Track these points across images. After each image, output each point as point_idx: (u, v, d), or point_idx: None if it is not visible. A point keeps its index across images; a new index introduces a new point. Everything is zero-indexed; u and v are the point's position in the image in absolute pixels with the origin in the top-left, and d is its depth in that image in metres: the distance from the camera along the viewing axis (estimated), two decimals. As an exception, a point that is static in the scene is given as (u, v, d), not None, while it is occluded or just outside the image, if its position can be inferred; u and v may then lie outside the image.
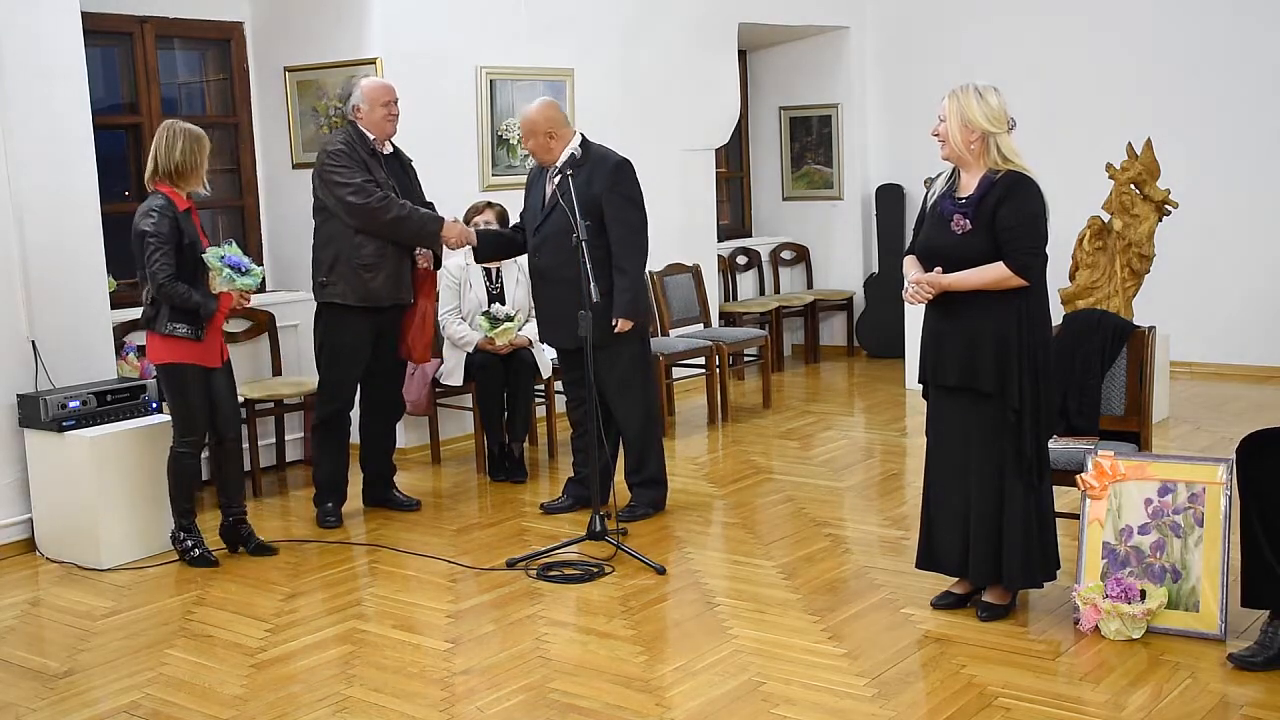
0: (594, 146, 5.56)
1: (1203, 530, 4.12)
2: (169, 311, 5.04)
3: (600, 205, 5.42)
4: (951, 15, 9.55)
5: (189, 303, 5.02)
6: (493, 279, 6.63)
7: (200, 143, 5.12)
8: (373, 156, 5.60)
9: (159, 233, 4.96)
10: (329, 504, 5.81)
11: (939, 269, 4.17)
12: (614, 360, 5.52)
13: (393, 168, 5.71)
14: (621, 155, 5.57)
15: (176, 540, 5.30)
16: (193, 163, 5.08)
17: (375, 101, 5.58)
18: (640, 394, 5.62)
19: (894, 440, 7.21)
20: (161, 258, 4.96)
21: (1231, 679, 3.77)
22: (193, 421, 5.19)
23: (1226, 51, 8.45)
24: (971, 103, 4.11)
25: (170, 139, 5.08)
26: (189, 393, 5.15)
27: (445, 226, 5.60)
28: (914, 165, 9.39)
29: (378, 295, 5.59)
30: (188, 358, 5.11)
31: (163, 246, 4.97)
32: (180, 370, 5.12)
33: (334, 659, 4.22)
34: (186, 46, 7.06)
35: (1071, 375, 4.86)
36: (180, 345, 5.08)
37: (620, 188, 5.48)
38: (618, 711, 3.72)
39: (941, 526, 4.35)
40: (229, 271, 5.07)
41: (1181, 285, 8.44)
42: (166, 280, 4.97)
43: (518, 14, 7.44)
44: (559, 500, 5.86)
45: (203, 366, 5.16)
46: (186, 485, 5.26)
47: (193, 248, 5.07)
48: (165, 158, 5.06)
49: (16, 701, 3.98)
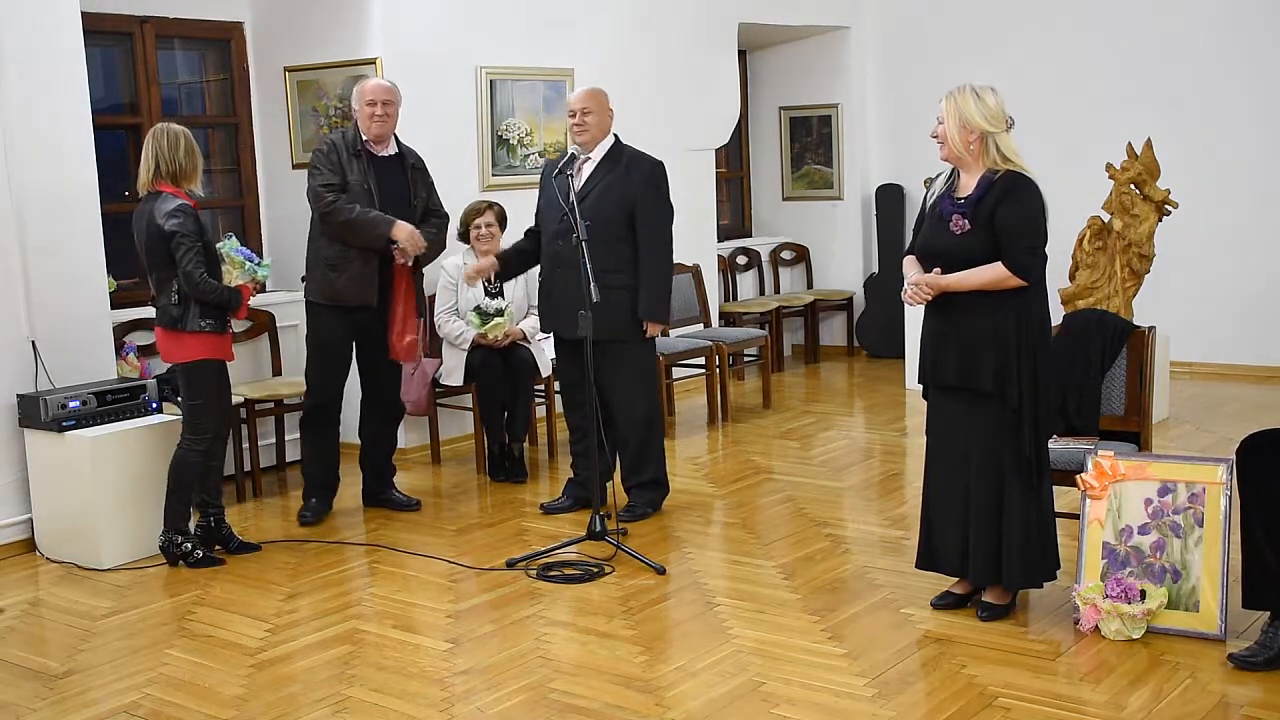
0: (627, 146, 5.59)
1: (1203, 530, 4.12)
2: (198, 308, 5.07)
3: (634, 203, 5.43)
4: (951, 15, 9.55)
5: (221, 298, 5.08)
6: (491, 279, 6.61)
7: (193, 144, 5.16)
8: (358, 157, 5.61)
9: (189, 231, 5.00)
10: (311, 499, 5.87)
11: (938, 269, 4.17)
12: (623, 358, 5.52)
13: (387, 169, 5.70)
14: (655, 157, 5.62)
15: (172, 544, 5.25)
16: (194, 162, 5.12)
17: (361, 101, 5.64)
18: (646, 394, 5.62)
19: (894, 440, 7.21)
20: (194, 255, 5.00)
21: (1231, 679, 3.77)
22: (212, 421, 5.22)
23: (1227, 52, 8.44)
24: (969, 103, 4.11)
25: (172, 140, 5.09)
26: (209, 390, 5.19)
27: (394, 229, 5.55)
28: (914, 165, 9.40)
29: (343, 295, 5.64)
30: (215, 353, 5.17)
31: (195, 244, 5.01)
32: (208, 367, 5.16)
33: (334, 659, 4.22)
34: (186, 46, 7.06)
35: (1071, 375, 4.86)
36: (209, 341, 5.13)
37: (659, 188, 5.53)
38: (618, 711, 3.72)
39: (941, 526, 4.35)
40: (250, 264, 5.13)
41: (1181, 285, 8.44)
42: (202, 278, 5.01)
43: (518, 14, 7.44)
44: (559, 500, 5.86)
45: (225, 361, 5.23)
46: (190, 486, 5.27)
47: (209, 245, 5.12)
48: (170, 158, 5.07)
49: (16, 701, 3.98)
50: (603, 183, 5.47)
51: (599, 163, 5.51)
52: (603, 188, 5.46)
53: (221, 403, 5.27)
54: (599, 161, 5.51)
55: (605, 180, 5.47)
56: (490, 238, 6.55)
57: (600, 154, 5.52)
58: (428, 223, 5.77)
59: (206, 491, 5.37)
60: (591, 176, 5.49)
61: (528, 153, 7.51)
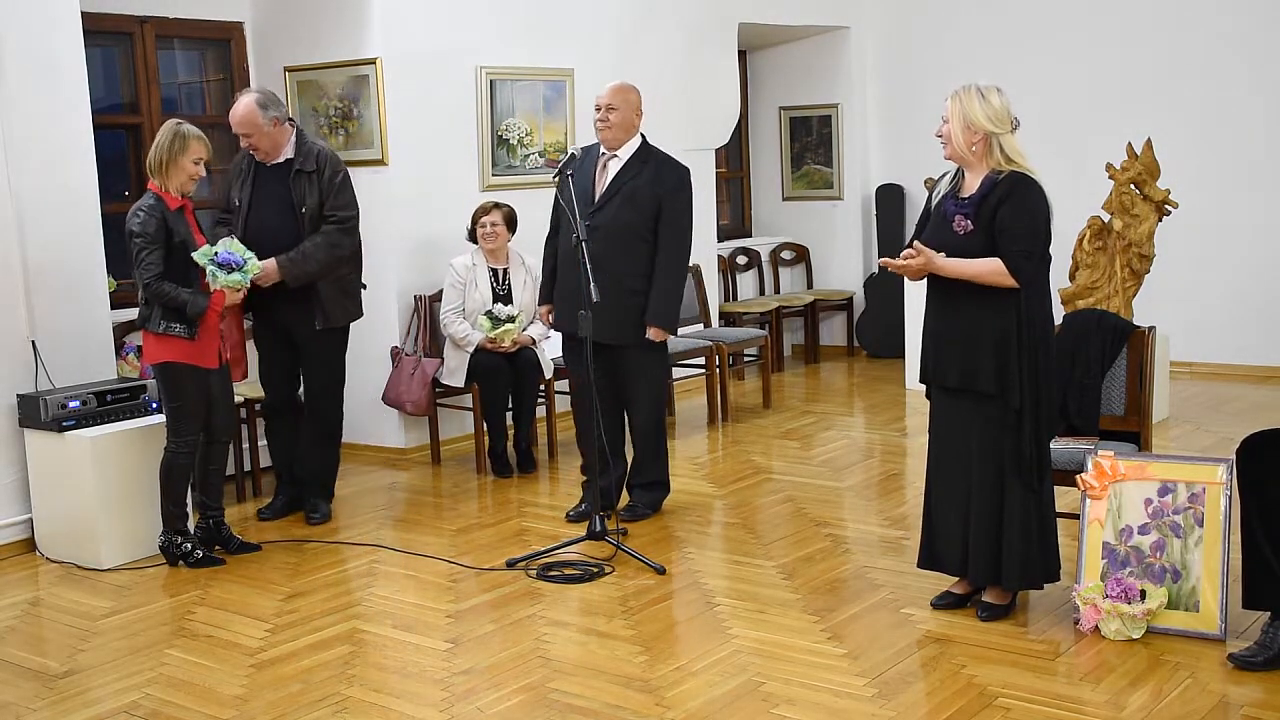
0: (655, 148, 5.54)
1: (1203, 530, 4.11)
2: (162, 310, 5.05)
3: (659, 204, 5.40)
4: (952, 15, 9.55)
5: (176, 301, 5.02)
6: (500, 280, 6.61)
7: (180, 141, 5.05)
8: (247, 171, 5.63)
9: (145, 232, 4.98)
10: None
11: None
12: (645, 361, 5.51)
13: (269, 179, 5.58)
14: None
15: (173, 545, 5.25)
16: (161, 159, 5.04)
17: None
18: (658, 394, 5.62)
19: (894, 440, 7.21)
20: (147, 257, 4.98)
21: (1231, 679, 3.77)
22: (187, 422, 5.18)
23: (1227, 51, 8.44)
24: (974, 103, 4.10)
25: (159, 136, 5.12)
26: (184, 393, 5.14)
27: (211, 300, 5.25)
28: (914, 165, 9.40)
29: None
30: (182, 357, 5.10)
31: (149, 246, 4.98)
32: (175, 370, 5.11)
33: (334, 659, 4.22)
34: (186, 46, 7.06)
35: (1071, 375, 4.86)
36: (175, 344, 5.08)
37: (685, 192, 5.50)
38: (618, 711, 3.72)
39: (942, 526, 4.35)
40: (213, 268, 5.07)
41: (1181, 285, 8.44)
42: (152, 279, 4.99)
43: (518, 14, 7.44)
44: (579, 507, 5.73)
45: (198, 366, 5.15)
46: (182, 487, 5.26)
47: (184, 246, 5.06)
48: (152, 152, 5.10)
49: (16, 701, 3.98)
50: (631, 184, 5.40)
51: (626, 162, 5.45)
52: (630, 189, 5.39)
53: (202, 406, 5.19)
54: (626, 161, 5.45)
55: (634, 181, 5.40)
56: (495, 236, 6.55)
57: (628, 153, 5.45)
58: (304, 242, 5.50)
59: (206, 494, 5.36)
60: (617, 178, 5.42)
61: (528, 153, 7.51)
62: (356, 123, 6.88)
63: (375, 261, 6.92)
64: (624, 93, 5.46)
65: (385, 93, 6.76)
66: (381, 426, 7.07)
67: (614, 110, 5.42)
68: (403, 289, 6.93)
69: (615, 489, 5.58)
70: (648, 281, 5.41)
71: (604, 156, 5.49)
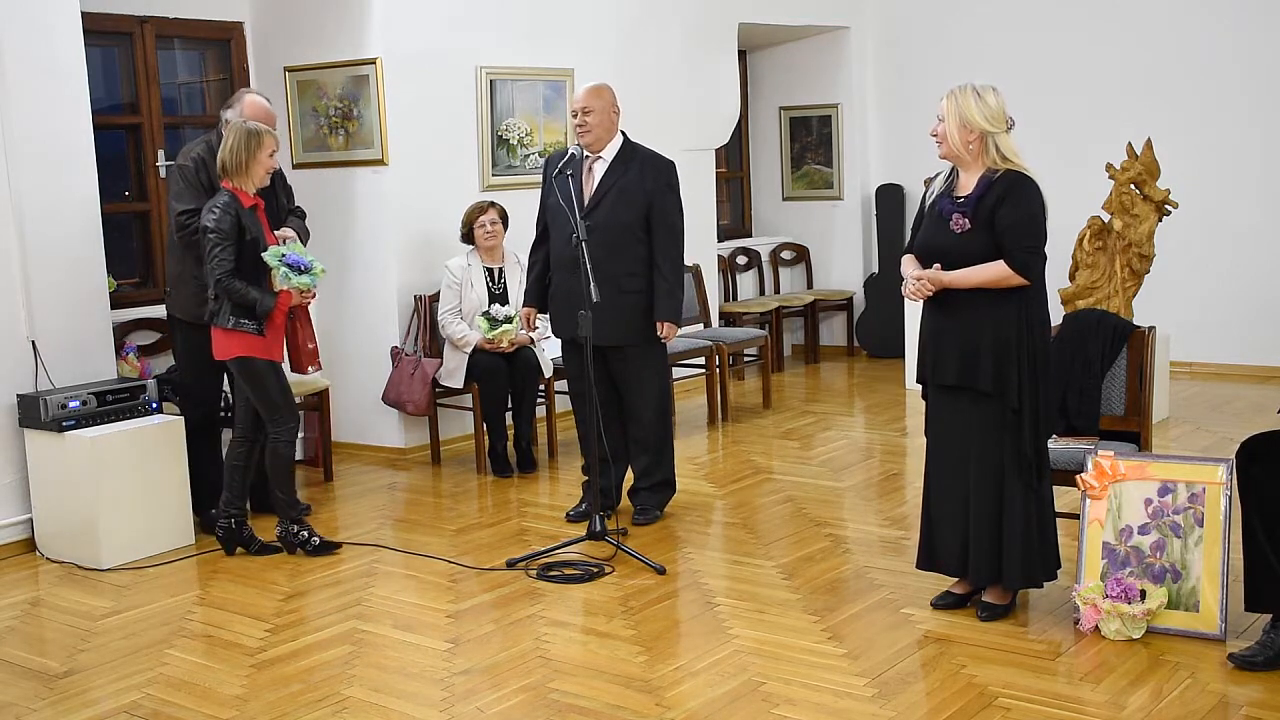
0: (638, 145, 5.52)
1: (1203, 530, 4.11)
2: (232, 306, 5.09)
3: (649, 201, 5.38)
4: (952, 15, 9.55)
5: (246, 299, 5.08)
6: (495, 279, 6.62)
7: (256, 139, 5.13)
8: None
9: (220, 229, 5.04)
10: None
11: (937, 267, 4.17)
12: (646, 360, 5.50)
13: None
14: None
15: (290, 535, 5.31)
16: (239, 160, 5.11)
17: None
18: (661, 393, 5.60)
19: (894, 440, 7.21)
20: (221, 253, 5.03)
21: (1231, 679, 3.77)
22: (284, 407, 5.25)
23: (1227, 51, 8.44)
24: (970, 102, 4.10)
25: (228, 136, 5.16)
26: (267, 383, 5.20)
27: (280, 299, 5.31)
28: (914, 165, 9.39)
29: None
30: (253, 351, 5.16)
31: (223, 242, 5.03)
32: (251, 363, 5.17)
33: (334, 659, 4.22)
34: (186, 46, 7.06)
35: (1071, 375, 4.85)
36: (245, 339, 5.13)
37: (674, 186, 5.47)
38: (618, 711, 3.72)
39: (941, 526, 4.35)
40: (285, 269, 5.13)
41: (1181, 285, 8.44)
42: (224, 275, 5.04)
43: (518, 14, 7.44)
44: (580, 507, 5.73)
45: (272, 361, 5.22)
46: (290, 476, 5.31)
47: (255, 244, 5.12)
48: (226, 155, 5.13)
49: (16, 701, 3.98)
50: (618, 184, 5.38)
51: (610, 163, 5.42)
52: (618, 190, 5.37)
53: (275, 394, 5.24)
54: (610, 162, 5.42)
55: (620, 182, 5.38)
56: (495, 235, 6.56)
57: (611, 154, 5.43)
58: (288, 222, 5.68)
59: (231, 491, 5.37)
60: (605, 178, 5.40)
61: (528, 153, 7.51)
62: (356, 123, 6.88)
63: (375, 261, 6.94)
64: (598, 94, 5.42)
65: (385, 93, 6.76)
66: (381, 426, 7.07)
67: (590, 113, 5.39)
68: (403, 289, 6.93)
69: (615, 489, 5.58)
70: (643, 280, 5.40)
71: (589, 159, 5.46)
